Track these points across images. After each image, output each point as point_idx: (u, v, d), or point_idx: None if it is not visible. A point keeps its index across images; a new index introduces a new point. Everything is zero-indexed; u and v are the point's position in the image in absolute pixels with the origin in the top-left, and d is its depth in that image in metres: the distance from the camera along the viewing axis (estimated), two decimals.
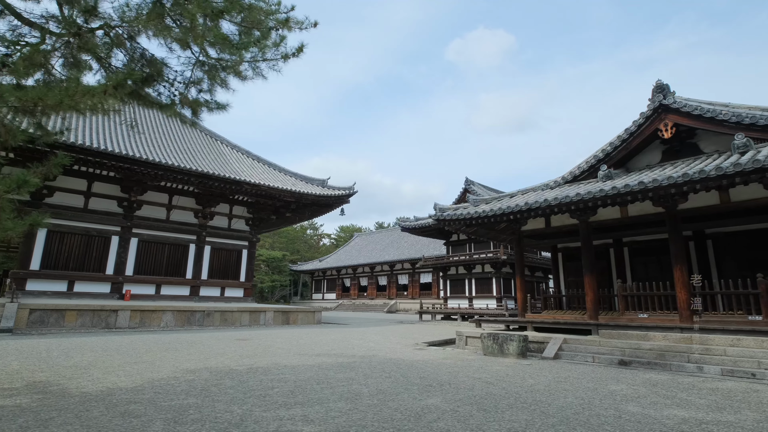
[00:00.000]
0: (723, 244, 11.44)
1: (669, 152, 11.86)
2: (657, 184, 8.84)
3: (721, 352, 7.97)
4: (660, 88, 11.26)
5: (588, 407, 5.09)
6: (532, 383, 6.62)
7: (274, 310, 21.04)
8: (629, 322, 10.27)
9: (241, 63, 7.03)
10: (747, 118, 9.73)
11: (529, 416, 4.61)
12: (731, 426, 4.44)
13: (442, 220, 13.20)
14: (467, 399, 5.38)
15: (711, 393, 6.08)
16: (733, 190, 9.48)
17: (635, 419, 4.59)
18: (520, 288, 12.84)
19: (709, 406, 5.30)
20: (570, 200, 10.20)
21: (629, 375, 7.57)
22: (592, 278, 11.27)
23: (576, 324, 11.03)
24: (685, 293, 9.60)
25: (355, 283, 50.16)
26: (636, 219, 11.02)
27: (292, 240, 68.69)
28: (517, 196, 13.37)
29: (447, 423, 4.27)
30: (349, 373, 7.07)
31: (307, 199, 24.05)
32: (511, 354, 9.75)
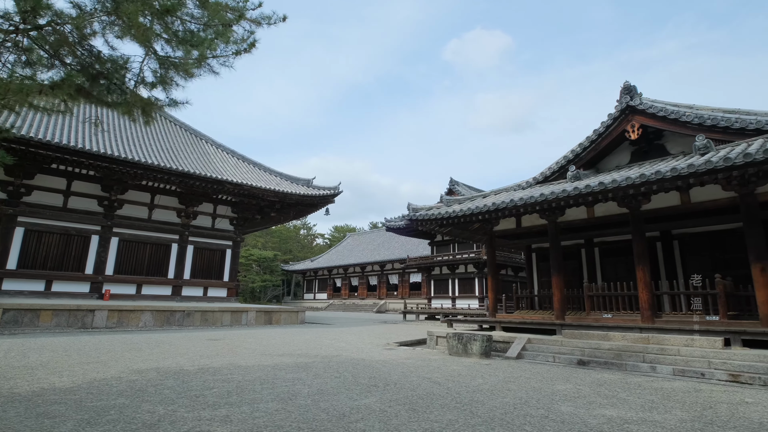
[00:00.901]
0: (688, 244, 11.52)
1: (637, 153, 11.93)
2: (616, 184, 8.89)
3: (675, 352, 8.03)
4: (627, 89, 11.32)
5: (521, 407, 5.12)
6: (479, 383, 6.65)
7: (256, 310, 21.01)
8: (594, 322, 10.33)
9: (200, 60, 7.03)
10: (708, 119, 9.80)
11: (455, 416, 4.63)
12: (653, 425, 4.47)
13: (414, 220, 13.23)
14: (403, 399, 5.40)
15: (653, 393, 6.12)
16: (693, 191, 9.54)
17: (560, 419, 4.62)
18: (491, 288, 12.88)
19: (643, 405, 5.34)
20: (534, 200, 10.24)
21: (582, 375, 7.61)
22: (559, 278, 11.32)
23: (542, 324, 11.08)
24: (647, 293, 9.66)
25: (346, 283, 50.17)
26: (602, 220, 11.08)
27: (285, 240, 68.62)
28: (489, 197, 13.42)
29: (368, 423, 4.29)
30: (299, 374, 7.08)
31: (291, 198, 24.05)
32: (475, 354, 9.78)
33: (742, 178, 8.26)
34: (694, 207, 9.56)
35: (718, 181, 8.62)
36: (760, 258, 8.33)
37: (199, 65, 7.02)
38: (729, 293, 9.19)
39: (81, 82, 6.43)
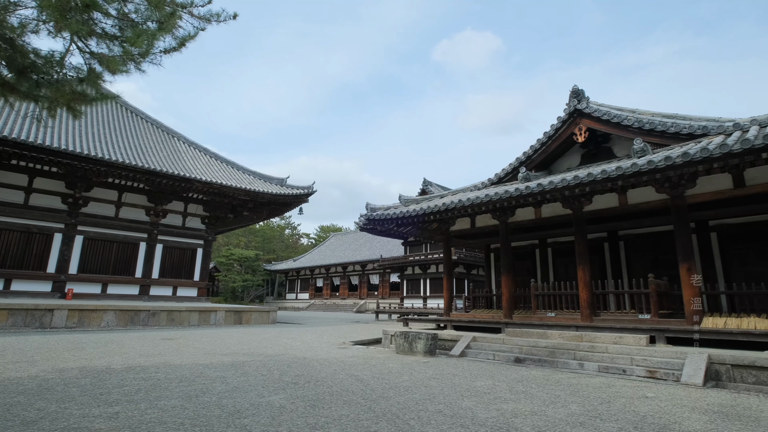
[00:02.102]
0: (632, 245, 11.80)
1: (587, 156, 12.17)
2: (552, 186, 9.08)
3: (604, 349, 8.24)
4: (575, 93, 11.55)
5: (423, 403, 5.23)
6: (404, 380, 6.76)
7: (225, 309, 20.91)
8: (538, 321, 10.53)
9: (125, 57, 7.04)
10: (647, 124, 10.05)
11: (350, 411, 4.73)
12: (540, 417, 4.62)
13: (371, 220, 13.32)
14: (313, 395, 5.48)
15: (565, 388, 6.29)
16: (630, 193, 9.79)
17: (452, 413, 4.75)
18: (446, 288, 13.04)
19: (546, 400, 5.50)
20: (480, 201, 10.40)
21: (511, 372, 7.77)
22: (508, 278, 11.51)
23: (489, 322, 11.26)
24: (586, 293, 9.88)
25: (328, 282, 50.13)
26: (549, 220, 11.28)
27: (269, 240, 68.28)
28: (447, 196, 13.56)
29: (256, 419, 4.36)
30: (227, 372, 7.12)
31: (263, 197, 24.00)
32: (419, 352, 9.91)
33: (669, 180, 8.52)
34: (631, 209, 9.80)
35: (650, 184, 8.87)
36: (686, 258, 8.59)
37: (124, 63, 7.03)
38: (663, 292, 9.45)
39: (7, 77, 6.42)
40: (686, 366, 6.91)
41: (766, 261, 9.58)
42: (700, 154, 7.24)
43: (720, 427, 4.42)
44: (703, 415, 4.86)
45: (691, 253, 8.64)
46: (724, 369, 6.92)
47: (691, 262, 8.55)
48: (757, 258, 9.75)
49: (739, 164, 7.50)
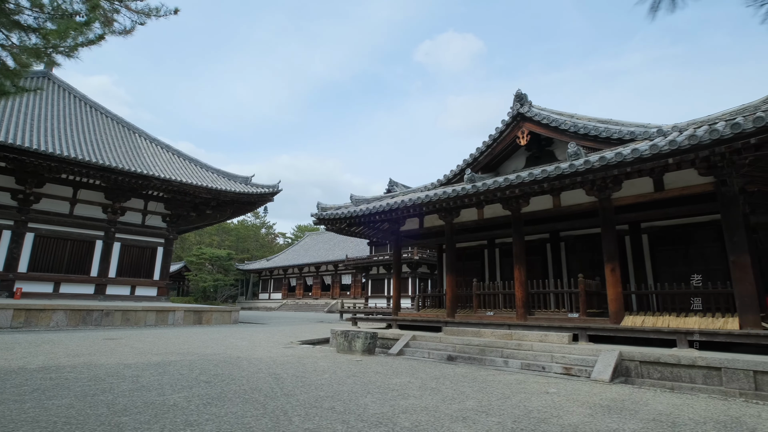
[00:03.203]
0: (572, 246, 12.13)
1: (531, 159, 12.46)
2: (486, 188, 9.27)
3: (529, 347, 8.46)
4: (519, 97, 11.81)
5: (323, 400, 5.27)
6: (323, 379, 6.79)
7: (184, 309, 20.59)
8: (478, 320, 10.73)
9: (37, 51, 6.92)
10: (582, 128, 10.36)
11: (242, 409, 4.74)
12: (430, 412, 4.71)
13: (322, 219, 13.33)
14: (217, 394, 5.46)
15: (476, 385, 6.43)
16: (563, 195, 10.07)
17: (342, 409, 4.81)
18: (395, 287, 13.14)
19: (448, 397, 5.61)
20: (421, 201, 10.54)
21: (436, 370, 7.89)
22: (452, 277, 11.68)
23: (431, 321, 11.41)
24: (522, 292, 10.12)
25: (301, 282, 49.82)
26: (491, 221, 11.51)
27: (243, 239, 67.42)
28: (398, 197, 13.67)
29: (137, 417, 4.33)
30: (147, 371, 7.03)
31: (226, 196, 23.72)
32: (357, 351, 9.96)
33: (594, 183, 8.80)
34: (564, 210, 10.09)
35: (579, 186, 9.15)
36: (611, 259, 8.90)
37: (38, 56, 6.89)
38: (593, 292, 9.76)
39: None
40: (598, 363, 7.16)
41: (689, 262, 9.99)
42: (615, 159, 7.52)
43: (595, 420, 4.60)
44: (587, 409, 5.06)
45: (615, 254, 8.95)
46: (633, 365, 7.19)
47: (614, 263, 8.85)
48: (681, 259, 10.16)
49: (654, 169, 7.80)
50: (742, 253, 7.43)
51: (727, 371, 6.35)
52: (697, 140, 6.68)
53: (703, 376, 6.58)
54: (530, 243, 12.63)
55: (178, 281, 56.13)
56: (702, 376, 6.60)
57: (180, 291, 56.12)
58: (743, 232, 7.57)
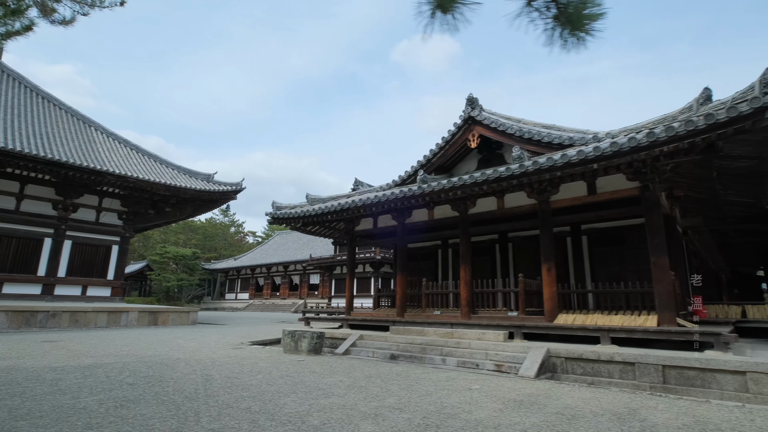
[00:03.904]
0: (519, 246, 12.50)
1: (482, 161, 12.76)
2: (431, 189, 9.45)
3: (467, 345, 8.68)
4: (470, 101, 12.07)
5: (244, 400, 5.27)
6: (255, 379, 6.78)
7: (138, 310, 19.99)
8: (426, 319, 10.90)
9: None
10: (526, 133, 10.69)
11: (154, 411, 4.68)
12: (344, 410, 4.79)
13: (277, 218, 13.23)
14: (136, 396, 5.37)
15: (405, 383, 6.56)
16: (507, 197, 10.37)
17: (258, 409, 4.82)
18: (348, 287, 13.20)
19: (372, 395, 5.71)
20: (371, 202, 10.63)
21: (374, 369, 7.99)
22: (402, 277, 11.84)
23: (380, 321, 11.53)
24: (466, 291, 10.36)
25: (269, 282, 49.18)
26: (441, 222, 11.71)
27: (211, 237, 65.91)
28: (354, 196, 13.72)
29: (34, 422, 4.22)
30: (72, 374, 6.83)
31: (185, 193, 23.15)
32: (303, 351, 9.96)
33: (532, 186, 9.11)
34: (507, 212, 10.40)
35: (519, 189, 9.45)
36: (547, 259, 9.23)
37: None
38: (534, 291, 10.09)
39: None
40: (526, 360, 7.43)
41: (623, 262, 10.47)
42: (546, 163, 7.81)
43: (502, 415, 4.79)
44: (499, 405, 5.26)
45: (552, 254, 9.30)
46: (560, 362, 7.50)
47: (551, 263, 9.19)
48: (615, 259, 10.64)
49: (584, 173, 8.15)
50: (661, 254, 7.86)
51: (640, 366, 6.72)
52: (618, 147, 7.04)
53: (620, 371, 6.94)
54: (480, 243, 12.95)
55: (140, 281, 54.43)
56: (619, 371, 6.96)
57: (142, 291, 54.40)
58: (663, 234, 8.01)
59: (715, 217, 11.83)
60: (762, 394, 5.78)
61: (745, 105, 5.95)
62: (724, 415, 4.95)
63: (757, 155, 7.19)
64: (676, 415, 4.88)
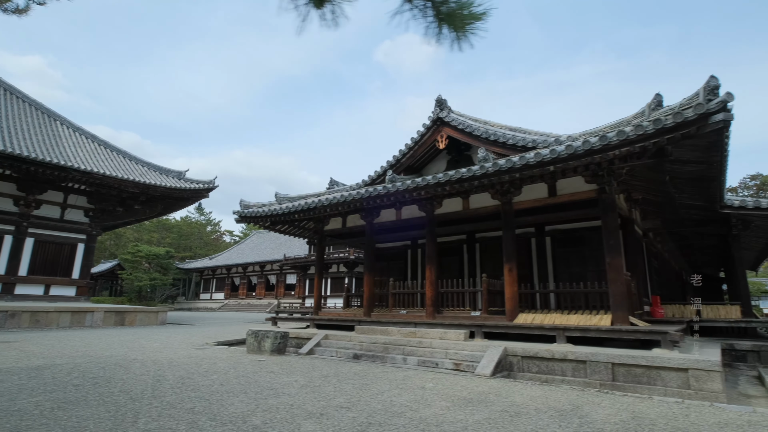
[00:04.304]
0: (486, 247, 12.66)
1: (451, 162, 12.87)
2: (396, 189, 9.48)
3: (429, 344, 8.73)
4: (439, 102, 12.16)
5: (190, 401, 5.17)
6: (211, 379, 6.66)
7: (104, 310, 19.42)
8: (392, 318, 10.92)
9: None
10: (492, 135, 10.84)
11: (91, 412, 4.55)
12: (290, 410, 4.75)
13: (244, 217, 13.05)
14: (77, 398, 5.21)
15: (361, 382, 6.55)
16: (471, 198, 10.49)
17: (202, 409, 4.74)
18: (316, 287, 13.12)
19: (324, 395, 5.68)
20: (336, 201, 10.60)
21: (334, 368, 7.96)
22: (370, 277, 11.83)
23: (346, 320, 11.50)
24: (431, 291, 10.43)
25: (245, 282, 48.49)
26: (407, 222, 11.76)
27: (186, 236, 64.59)
28: (323, 196, 13.65)
29: None
30: (17, 376, 6.58)
31: (155, 191, 22.59)
32: (266, 351, 9.84)
33: (494, 187, 9.23)
34: (471, 213, 10.51)
35: (482, 190, 9.56)
36: (509, 259, 9.38)
37: None
38: (498, 291, 10.22)
39: None
40: (483, 359, 7.52)
41: (584, 263, 10.72)
42: (506, 165, 7.93)
43: (448, 412, 4.83)
44: (448, 403, 5.30)
45: (514, 254, 9.44)
46: (516, 360, 7.62)
47: (512, 263, 9.34)
48: (577, 260, 10.88)
49: (543, 175, 8.31)
50: (616, 255, 8.08)
51: (591, 364, 6.89)
52: (573, 150, 7.21)
53: (573, 369, 7.10)
54: (449, 244, 13.06)
55: (111, 281, 52.95)
56: (571, 369, 7.11)
57: (112, 291, 52.91)
58: (619, 236, 8.24)
59: (673, 220, 12.24)
60: (702, 390, 6.00)
61: (690, 111, 6.17)
62: (662, 410, 5.12)
63: (705, 160, 7.47)
64: (616, 412, 5.01)
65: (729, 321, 11.18)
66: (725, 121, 5.98)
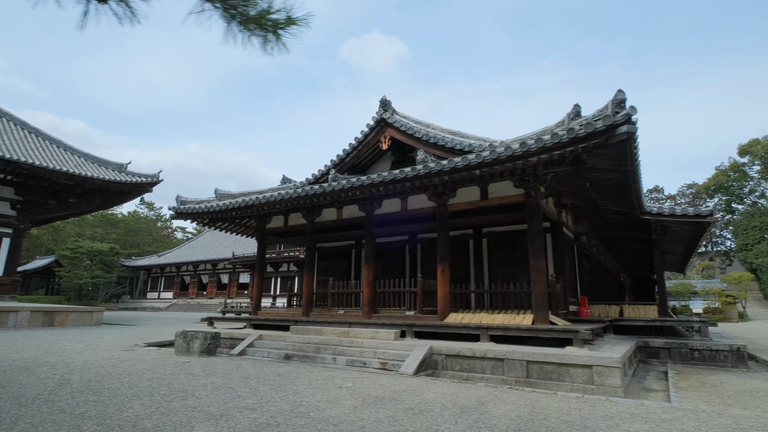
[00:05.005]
0: (427, 248, 12.87)
1: (395, 163, 12.98)
2: (322, 190, 9.43)
3: (360, 344, 8.76)
4: (383, 103, 12.23)
5: (85, 405, 4.90)
6: (122, 382, 6.34)
7: (31, 309, 18.12)
8: (330, 318, 10.86)
9: None
10: (432, 138, 11.03)
11: None
12: (188, 412, 4.60)
13: (180, 213, 12.57)
14: None
15: (279, 383, 6.46)
16: (410, 199, 10.62)
17: (95, 414, 4.50)
18: (256, 286, 12.85)
19: (232, 396, 5.54)
20: (274, 199, 10.43)
21: (260, 369, 7.80)
22: (309, 276, 11.72)
23: (283, 321, 11.34)
24: (369, 291, 10.46)
25: (195, 281, 46.75)
26: (348, 222, 11.74)
27: (134, 232, 61.43)
28: (266, 193, 13.38)
29: None
30: None
31: (92, 183, 21.31)
32: (194, 352, 9.53)
33: (427, 188, 9.39)
34: (409, 214, 10.65)
35: (417, 192, 9.70)
36: (442, 260, 9.57)
37: None
38: (433, 291, 10.38)
39: None
40: (408, 357, 7.62)
41: (516, 264, 11.12)
42: (436, 168, 8.09)
43: (354, 411, 4.85)
44: (358, 402, 5.33)
45: (447, 255, 9.65)
46: (441, 359, 7.79)
47: (445, 264, 9.54)
48: (510, 262, 11.28)
49: (473, 178, 8.54)
50: (539, 257, 8.43)
51: (508, 362, 7.15)
52: (496, 155, 7.46)
53: (492, 366, 7.34)
54: (392, 244, 13.17)
55: (47, 278, 49.54)
56: (491, 366, 7.35)
57: (49, 289, 49.51)
58: (542, 238, 8.60)
59: (602, 225, 12.95)
60: (604, 385, 6.37)
61: (600, 122, 6.54)
62: (560, 405, 5.38)
63: (617, 169, 7.95)
64: (516, 407, 5.22)
65: (646, 320, 11.97)
66: (629, 132, 6.38)
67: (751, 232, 47.83)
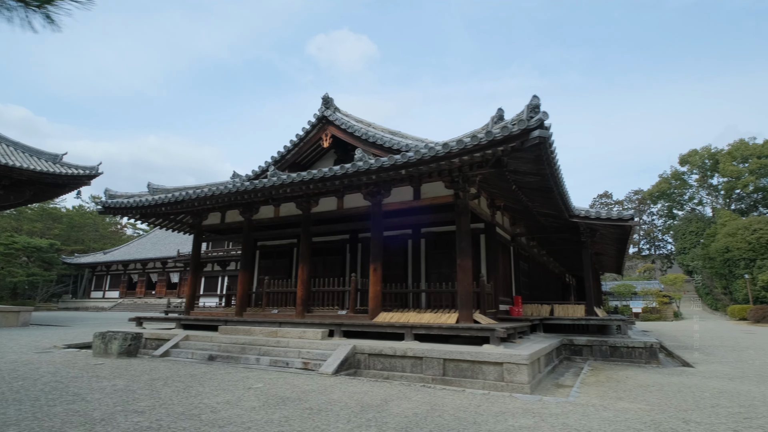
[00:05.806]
0: (366, 246, 12.86)
1: (338, 161, 12.88)
2: (253, 186, 9.24)
3: (286, 344, 8.62)
4: (325, 101, 12.12)
5: None
6: (14, 385, 5.91)
7: None
8: (263, 318, 10.62)
9: None
10: (372, 137, 11.04)
11: None
12: (73, 415, 4.33)
13: (109, 208, 11.94)
14: None
15: (186, 384, 6.24)
16: (345, 198, 10.57)
17: None
18: (189, 284, 12.42)
19: (129, 399, 5.29)
20: (205, 195, 10.08)
21: (175, 371, 7.51)
22: (244, 275, 11.44)
23: (213, 320, 11.01)
24: (302, 290, 10.32)
25: (144, 279, 44.70)
26: (285, 219, 11.55)
27: (78, 228, 57.97)
28: (204, 188, 12.93)
29: None
30: None
31: (21, 174, 19.84)
32: (113, 353, 9.06)
33: (360, 187, 9.38)
34: (345, 212, 10.60)
35: (353, 190, 9.66)
36: (375, 260, 9.58)
37: None
38: (366, 290, 10.37)
39: None
40: (330, 357, 7.57)
41: (452, 264, 11.26)
42: (363, 167, 8.08)
43: (253, 412, 4.74)
44: (261, 402, 5.22)
45: (380, 254, 9.67)
46: (364, 358, 7.78)
47: (377, 263, 9.55)
48: (446, 261, 11.46)
49: (403, 178, 8.60)
50: (465, 257, 8.60)
51: (427, 360, 7.25)
52: (421, 156, 7.55)
53: (411, 365, 7.42)
54: (332, 243, 13.08)
55: None
56: (410, 365, 7.42)
57: None
58: (469, 239, 8.78)
59: (536, 227, 13.42)
60: (512, 382, 6.57)
61: (515, 126, 6.74)
62: (462, 402, 5.49)
63: (537, 172, 8.24)
64: (418, 405, 5.28)
65: (573, 319, 12.52)
66: (541, 137, 6.62)
67: (689, 236, 51.31)
